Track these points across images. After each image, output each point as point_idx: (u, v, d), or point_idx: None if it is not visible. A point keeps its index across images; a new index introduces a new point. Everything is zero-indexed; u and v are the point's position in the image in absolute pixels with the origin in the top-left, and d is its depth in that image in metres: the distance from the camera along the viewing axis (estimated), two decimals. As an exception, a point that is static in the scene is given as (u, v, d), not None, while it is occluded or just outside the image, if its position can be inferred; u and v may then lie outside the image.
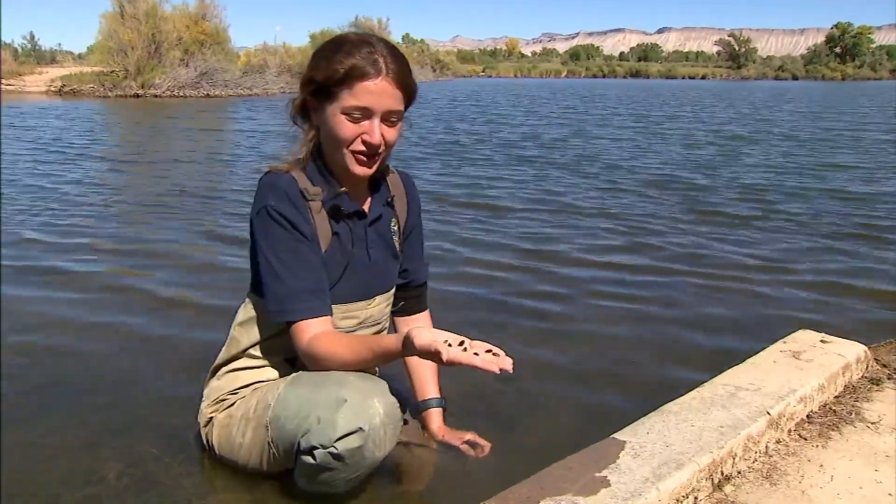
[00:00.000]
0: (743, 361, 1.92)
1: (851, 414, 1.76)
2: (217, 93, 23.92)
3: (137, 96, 22.25)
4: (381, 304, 1.67)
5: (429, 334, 1.30)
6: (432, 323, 1.81)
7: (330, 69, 1.42)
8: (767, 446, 1.59)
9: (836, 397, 1.85)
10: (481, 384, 2.17)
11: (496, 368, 1.25)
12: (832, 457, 1.57)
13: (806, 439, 1.65)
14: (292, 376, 1.52)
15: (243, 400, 1.59)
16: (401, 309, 1.79)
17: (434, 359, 1.30)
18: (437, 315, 1.86)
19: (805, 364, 1.88)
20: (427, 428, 1.77)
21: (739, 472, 1.50)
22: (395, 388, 1.46)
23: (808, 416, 1.74)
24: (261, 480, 1.59)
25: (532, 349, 2.50)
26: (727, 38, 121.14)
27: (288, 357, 1.60)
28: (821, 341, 2.04)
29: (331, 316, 1.51)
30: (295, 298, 1.47)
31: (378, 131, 1.45)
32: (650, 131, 12.35)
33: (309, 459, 1.40)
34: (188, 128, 12.68)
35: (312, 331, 1.46)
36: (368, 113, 1.44)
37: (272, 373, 1.61)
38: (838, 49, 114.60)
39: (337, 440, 1.35)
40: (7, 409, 1.98)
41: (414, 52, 60.20)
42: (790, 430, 1.67)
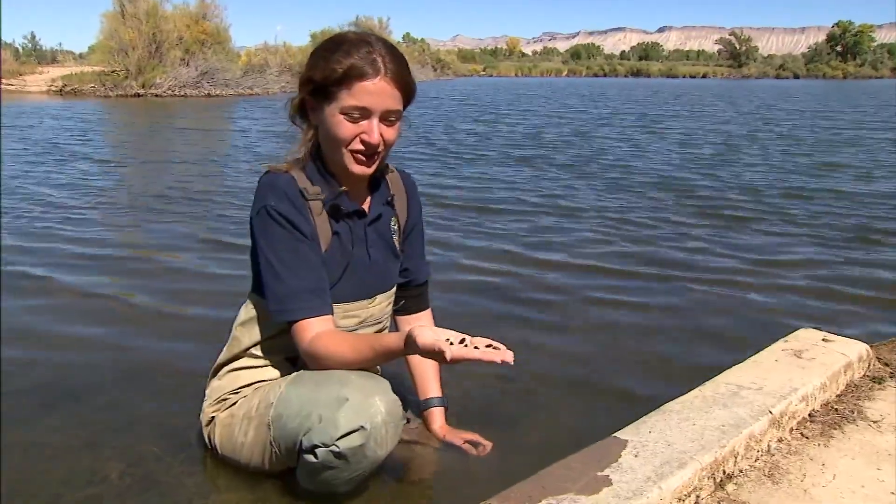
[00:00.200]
0: (745, 360, 1.91)
1: (853, 413, 1.76)
2: (218, 92, 23.93)
3: (138, 96, 22.26)
4: (383, 304, 1.67)
5: (431, 333, 1.30)
6: (434, 321, 1.82)
7: (328, 69, 1.42)
8: (769, 445, 1.59)
9: (838, 396, 1.85)
10: (483, 383, 2.17)
11: (498, 359, 1.25)
12: (834, 455, 1.57)
13: (808, 438, 1.64)
14: (294, 375, 1.52)
15: (245, 399, 1.59)
16: (402, 308, 1.79)
17: (437, 358, 1.30)
18: (437, 315, 1.86)
19: (807, 363, 1.88)
20: (429, 427, 1.78)
21: (741, 471, 1.49)
22: (397, 387, 1.46)
23: (810, 415, 1.74)
24: (263, 479, 1.59)
25: (533, 349, 2.49)
26: (728, 37, 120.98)
27: (289, 356, 1.60)
28: (823, 340, 2.04)
29: (332, 315, 1.51)
30: (296, 298, 1.47)
31: (377, 131, 1.45)
32: (649, 131, 12.30)
33: (311, 458, 1.40)
34: (184, 128, 12.64)
35: (313, 330, 1.47)
36: (367, 113, 1.44)
37: (274, 372, 1.61)
38: (839, 48, 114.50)
39: (339, 439, 1.35)
40: (7, 409, 1.98)
41: (414, 52, 60.17)
42: (792, 429, 1.67)
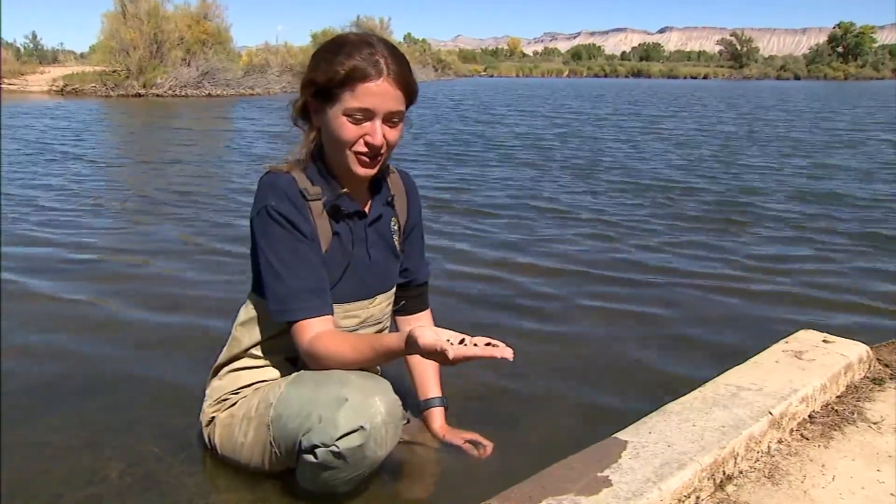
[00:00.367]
0: (745, 361, 1.91)
1: (853, 414, 1.76)
2: (219, 92, 23.94)
3: (139, 96, 22.27)
4: (383, 304, 1.67)
5: (432, 334, 1.30)
6: (434, 321, 1.82)
7: (331, 71, 1.42)
8: (769, 446, 1.59)
9: (839, 397, 1.85)
10: (483, 383, 2.17)
11: (499, 355, 1.26)
12: (834, 457, 1.57)
13: (808, 439, 1.64)
14: (294, 375, 1.52)
15: (245, 399, 1.59)
16: (402, 308, 1.79)
17: (438, 358, 1.30)
18: (435, 317, 1.86)
19: (807, 364, 1.88)
20: (429, 427, 1.78)
21: (741, 472, 1.49)
22: (397, 388, 1.46)
23: (810, 416, 1.74)
24: (263, 480, 1.59)
25: (532, 349, 2.49)
26: (729, 38, 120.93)
27: (289, 356, 1.60)
28: (823, 341, 2.04)
29: (332, 315, 1.51)
30: (296, 298, 1.47)
31: (380, 132, 1.45)
32: (647, 132, 12.27)
33: (310, 458, 1.40)
34: (181, 128, 12.59)
35: (314, 330, 1.47)
36: (370, 114, 1.44)
37: (274, 372, 1.61)
38: (840, 49, 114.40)
39: (338, 439, 1.35)
40: (8, 409, 1.98)
41: (415, 52, 60.17)
42: (792, 430, 1.67)
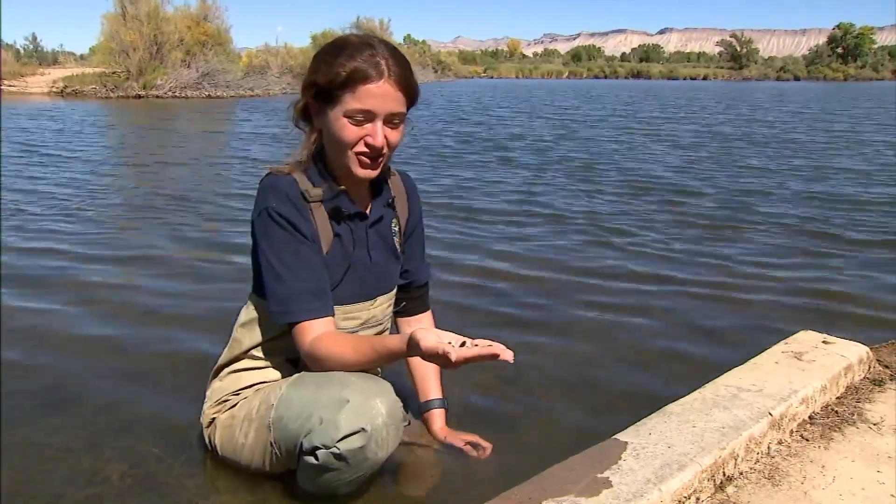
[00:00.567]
0: (744, 362, 1.92)
1: (853, 415, 1.76)
2: (219, 94, 23.92)
3: (139, 97, 22.26)
4: (383, 305, 1.68)
5: (434, 337, 1.30)
6: (434, 323, 1.82)
7: (332, 72, 1.43)
8: (769, 447, 1.59)
9: (838, 398, 1.85)
10: (483, 385, 2.17)
11: (499, 351, 1.26)
12: (834, 458, 1.57)
13: (808, 440, 1.65)
14: (295, 377, 1.52)
15: (246, 401, 1.59)
16: (403, 309, 1.79)
17: (440, 361, 1.30)
18: (435, 318, 1.86)
19: (807, 365, 1.88)
20: (429, 429, 1.78)
21: (741, 473, 1.50)
22: (398, 389, 1.46)
23: (810, 417, 1.74)
24: (263, 481, 1.60)
25: (532, 351, 2.49)
26: (729, 39, 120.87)
27: (290, 358, 1.60)
28: (823, 342, 2.04)
29: (333, 317, 1.51)
30: (297, 299, 1.47)
31: (381, 134, 1.45)
32: (646, 133, 12.23)
33: (311, 460, 1.40)
34: (177, 130, 12.58)
35: (314, 332, 1.47)
36: (371, 115, 1.44)
37: (274, 373, 1.61)
38: (840, 50, 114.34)
39: (339, 440, 1.35)
40: (8, 410, 1.98)
41: (415, 53, 60.17)
42: (792, 431, 1.67)
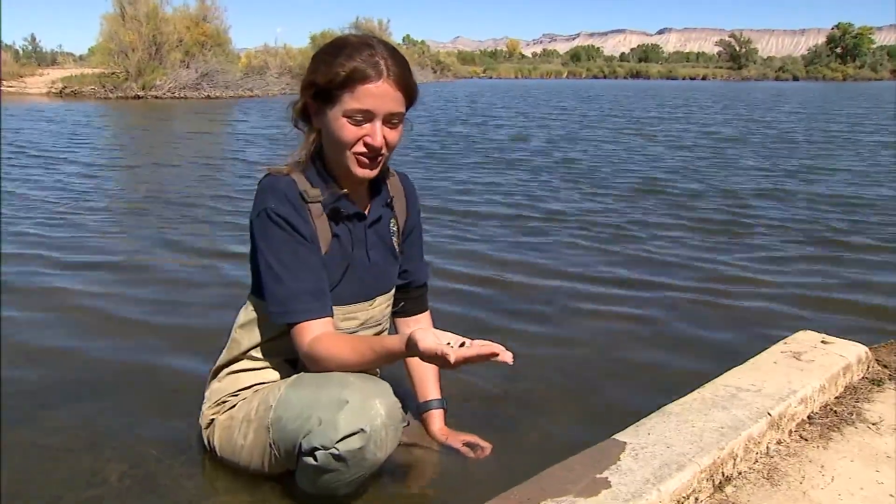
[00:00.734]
0: (744, 362, 1.92)
1: (852, 415, 1.76)
2: (218, 94, 23.91)
3: (138, 98, 22.24)
4: (382, 305, 1.68)
5: (433, 338, 1.30)
6: (433, 323, 1.82)
7: (331, 72, 1.43)
8: (768, 447, 1.59)
9: (837, 398, 1.85)
10: (482, 385, 2.17)
11: (499, 350, 1.25)
12: (833, 458, 1.57)
13: (807, 440, 1.65)
14: (294, 378, 1.52)
15: (244, 402, 1.59)
16: (401, 310, 1.79)
17: (439, 362, 1.30)
18: (433, 319, 1.86)
19: (806, 365, 1.88)
20: (428, 429, 1.78)
21: (740, 473, 1.50)
22: (396, 390, 1.46)
23: (809, 417, 1.74)
24: (262, 482, 1.60)
25: (531, 351, 2.49)
26: (728, 39, 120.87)
27: (289, 358, 1.60)
28: (821, 342, 2.04)
29: (332, 317, 1.51)
30: (295, 300, 1.47)
31: (380, 133, 1.45)
32: (643, 134, 12.18)
33: (310, 461, 1.40)
34: (175, 130, 12.55)
35: (313, 332, 1.47)
36: (370, 115, 1.44)
37: (273, 374, 1.61)
38: (839, 50, 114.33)
39: (338, 441, 1.35)
40: (8, 410, 1.98)
41: (414, 54, 60.15)
42: (791, 431, 1.67)
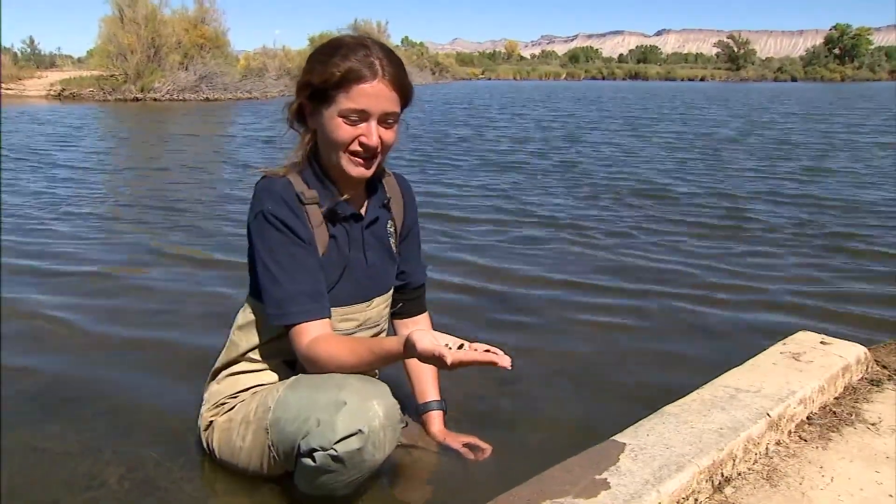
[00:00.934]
0: (742, 363, 1.92)
1: (851, 415, 1.76)
2: (216, 96, 23.92)
3: (137, 100, 22.24)
4: (380, 306, 1.68)
5: (431, 338, 1.30)
6: (432, 325, 1.82)
7: (326, 73, 1.43)
8: (767, 448, 1.59)
9: (836, 399, 1.85)
10: (481, 387, 2.17)
11: (499, 361, 1.25)
12: (832, 458, 1.57)
13: (806, 441, 1.65)
14: (292, 379, 1.52)
15: (243, 403, 1.59)
16: (400, 311, 1.79)
17: (437, 363, 1.30)
18: (431, 321, 1.86)
19: (805, 365, 1.88)
20: (427, 431, 1.78)
21: (739, 474, 1.49)
22: (395, 391, 1.46)
23: (808, 418, 1.74)
24: (261, 483, 1.59)
25: (530, 353, 2.49)
26: (726, 40, 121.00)
27: (287, 360, 1.60)
28: (821, 343, 2.04)
29: (329, 319, 1.51)
30: (293, 301, 1.47)
31: (375, 133, 1.46)
32: (639, 135, 12.15)
33: (309, 462, 1.40)
34: (171, 133, 12.52)
35: (311, 334, 1.47)
36: (365, 115, 1.44)
37: (272, 376, 1.61)
38: (837, 50, 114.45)
39: (337, 442, 1.35)
40: (7, 414, 1.98)
41: (413, 55, 60.20)
42: (790, 432, 1.67)
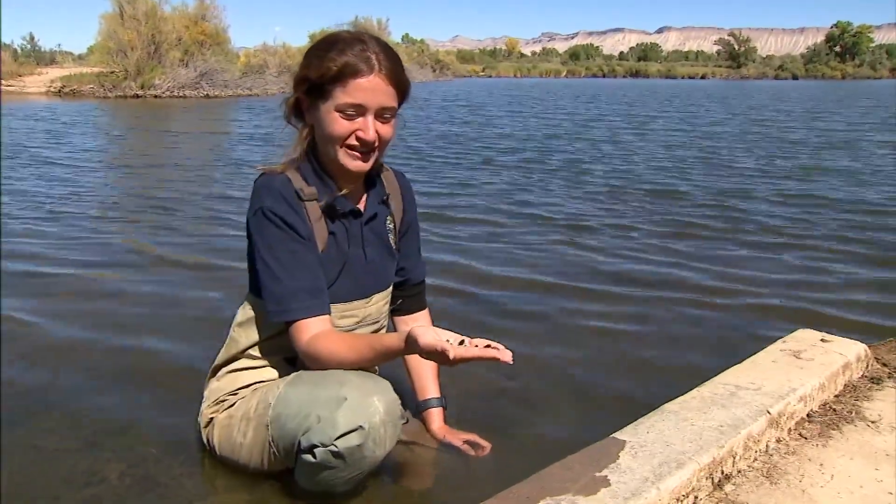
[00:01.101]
0: (743, 360, 1.92)
1: (852, 413, 1.76)
2: (217, 93, 23.90)
3: (137, 97, 22.23)
4: (380, 303, 1.68)
5: (433, 334, 1.30)
6: (432, 322, 1.82)
7: (323, 67, 1.43)
8: (768, 445, 1.59)
9: (837, 396, 1.85)
10: (482, 384, 2.17)
11: (500, 356, 1.26)
12: (832, 456, 1.57)
13: (806, 438, 1.65)
14: (292, 375, 1.52)
15: (243, 400, 1.59)
16: (400, 308, 1.79)
17: (438, 359, 1.30)
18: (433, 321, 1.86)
19: (805, 363, 1.88)
20: (427, 428, 1.78)
21: (740, 472, 1.50)
22: (396, 388, 1.46)
23: (809, 415, 1.74)
24: (261, 480, 1.59)
25: (531, 350, 2.49)
26: (727, 38, 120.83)
27: (287, 357, 1.60)
28: (821, 340, 2.04)
29: (329, 315, 1.51)
30: (293, 298, 1.47)
31: (372, 127, 1.46)
32: (638, 133, 12.10)
33: (309, 458, 1.40)
34: (167, 129, 12.49)
35: (311, 330, 1.47)
36: (362, 109, 1.45)
37: (272, 373, 1.61)
38: (838, 48, 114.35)
39: (337, 438, 1.35)
40: (7, 411, 1.98)
41: (414, 52, 60.12)
42: (790, 429, 1.67)
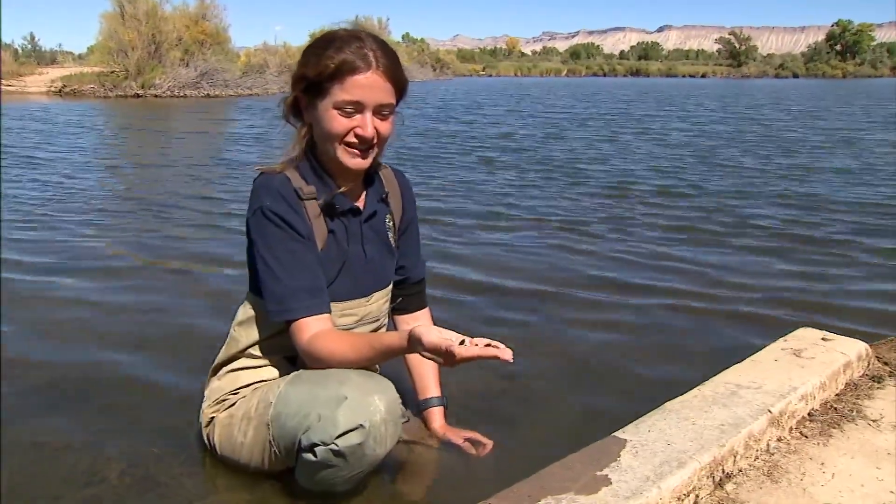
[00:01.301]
0: (744, 360, 1.91)
1: (853, 412, 1.76)
2: (217, 93, 23.90)
3: (138, 96, 22.24)
4: (380, 301, 1.68)
5: (437, 332, 1.30)
6: (432, 320, 1.81)
7: (320, 65, 1.43)
8: (769, 444, 1.59)
9: (838, 395, 1.85)
10: (482, 383, 2.17)
11: (500, 354, 1.26)
12: (833, 455, 1.57)
13: (807, 437, 1.64)
14: (293, 375, 1.52)
15: (244, 399, 1.59)
16: (400, 306, 1.79)
17: (441, 358, 1.30)
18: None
19: (806, 362, 1.88)
20: (428, 426, 1.78)
21: (741, 471, 1.49)
22: (396, 387, 1.46)
23: (810, 414, 1.74)
24: (262, 480, 1.59)
25: (531, 349, 2.49)
26: (727, 36, 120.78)
27: (288, 356, 1.60)
28: (822, 339, 2.04)
29: (329, 314, 1.51)
30: (293, 297, 1.47)
31: (370, 124, 1.46)
32: (636, 132, 12.06)
33: (310, 457, 1.40)
34: (165, 129, 12.48)
35: (312, 329, 1.47)
36: (360, 107, 1.45)
37: (272, 372, 1.61)
38: (839, 47, 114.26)
39: (338, 437, 1.35)
40: (8, 410, 1.98)
41: (414, 52, 60.11)
42: (791, 428, 1.67)
